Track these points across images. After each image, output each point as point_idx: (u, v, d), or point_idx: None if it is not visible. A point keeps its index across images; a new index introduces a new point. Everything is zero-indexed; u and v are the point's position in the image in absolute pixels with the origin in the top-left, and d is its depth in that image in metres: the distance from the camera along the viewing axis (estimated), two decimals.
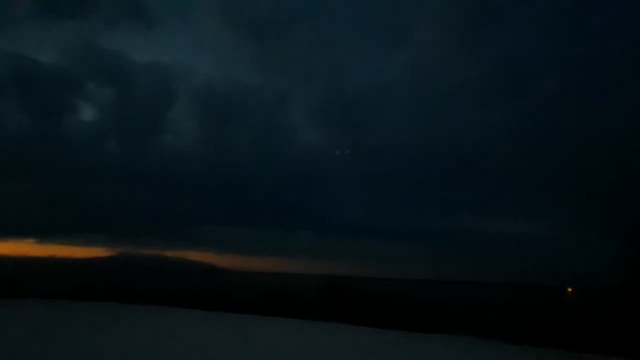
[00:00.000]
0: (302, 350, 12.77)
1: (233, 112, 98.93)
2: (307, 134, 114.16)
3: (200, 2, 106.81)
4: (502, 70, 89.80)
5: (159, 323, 17.29)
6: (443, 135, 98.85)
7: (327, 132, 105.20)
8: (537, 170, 76.92)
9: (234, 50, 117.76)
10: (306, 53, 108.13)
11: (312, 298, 23.52)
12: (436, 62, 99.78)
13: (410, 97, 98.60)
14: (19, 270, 38.86)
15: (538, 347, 14.69)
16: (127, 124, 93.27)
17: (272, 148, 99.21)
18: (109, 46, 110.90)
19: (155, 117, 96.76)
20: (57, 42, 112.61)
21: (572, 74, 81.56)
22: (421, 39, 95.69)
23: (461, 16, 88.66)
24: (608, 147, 67.63)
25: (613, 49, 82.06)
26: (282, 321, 19.57)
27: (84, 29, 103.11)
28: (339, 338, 15.56)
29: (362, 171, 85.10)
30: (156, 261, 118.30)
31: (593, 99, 77.24)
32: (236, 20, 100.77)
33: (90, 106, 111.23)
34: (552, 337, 15.16)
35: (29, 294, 24.94)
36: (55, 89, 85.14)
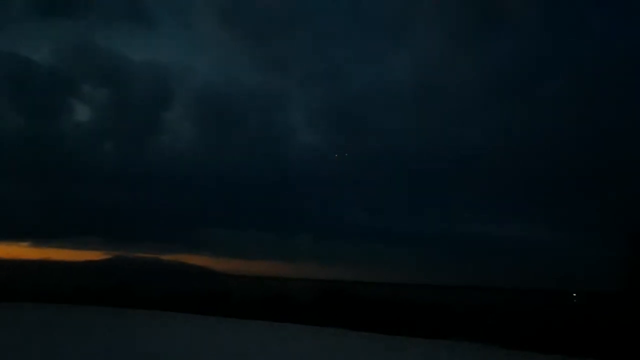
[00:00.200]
0: (300, 356, 12.58)
1: (232, 113, 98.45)
2: (307, 136, 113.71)
3: (199, 2, 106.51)
4: (503, 71, 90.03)
5: (156, 328, 17.06)
6: (443, 137, 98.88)
7: (326, 134, 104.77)
8: (539, 173, 76.87)
9: (233, 51, 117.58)
10: (306, 54, 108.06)
11: (311, 303, 23.33)
12: (436, 63, 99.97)
13: (410, 98, 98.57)
14: (13, 274, 38.43)
15: (539, 353, 14.53)
16: (124, 125, 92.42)
17: (271, 149, 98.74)
18: (106, 46, 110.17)
19: (152, 118, 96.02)
20: (54, 41, 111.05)
21: (575, 75, 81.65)
22: (421, 40, 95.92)
23: (461, 17, 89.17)
24: (611, 150, 67.64)
25: (613, 49, 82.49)
26: (279, 326, 19.37)
27: (82, 28, 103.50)
28: (337, 343, 15.38)
29: (362, 173, 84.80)
30: (153, 265, 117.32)
31: (594, 100, 77.48)
32: (235, 20, 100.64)
33: (87, 107, 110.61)
34: (552, 342, 15.01)
35: (23, 298, 24.63)
36: (51, 89, 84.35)
